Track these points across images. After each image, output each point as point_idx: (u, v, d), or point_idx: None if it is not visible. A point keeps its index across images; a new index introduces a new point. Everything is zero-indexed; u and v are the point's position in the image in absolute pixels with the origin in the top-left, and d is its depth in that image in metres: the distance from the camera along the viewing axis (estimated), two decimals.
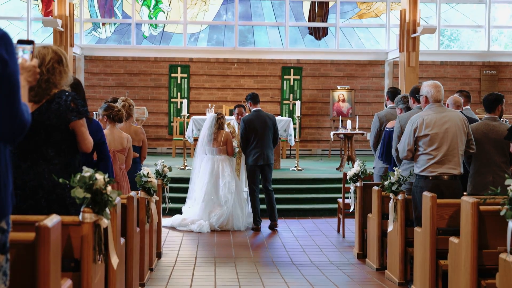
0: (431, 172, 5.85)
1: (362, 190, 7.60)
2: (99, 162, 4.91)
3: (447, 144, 5.86)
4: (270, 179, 9.60)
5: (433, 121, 5.90)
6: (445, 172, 5.84)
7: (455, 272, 4.94)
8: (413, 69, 14.36)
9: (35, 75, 2.92)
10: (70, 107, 4.01)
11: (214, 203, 9.48)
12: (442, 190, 5.77)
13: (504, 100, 6.48)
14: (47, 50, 4.05)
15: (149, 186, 6.33)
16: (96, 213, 3.64)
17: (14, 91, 2.44)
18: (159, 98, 17.04)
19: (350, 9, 17.46)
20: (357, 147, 16.52)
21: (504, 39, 18.01)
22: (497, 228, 4.55)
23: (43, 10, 16.82)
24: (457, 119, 5.96)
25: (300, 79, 17.06)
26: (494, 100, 6.30)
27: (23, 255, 2.75)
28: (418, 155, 5.98)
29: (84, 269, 3.58)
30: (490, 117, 6.32)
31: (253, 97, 9.75)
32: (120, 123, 6.82)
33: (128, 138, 6.72)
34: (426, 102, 6.09)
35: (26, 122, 2.52)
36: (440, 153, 5.85)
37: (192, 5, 17.26)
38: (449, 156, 5.86)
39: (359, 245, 7.67)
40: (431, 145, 5.88)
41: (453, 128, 5.89)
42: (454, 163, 5.87)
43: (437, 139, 5.88)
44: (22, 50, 2.88)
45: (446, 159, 5.85)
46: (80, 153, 4.23)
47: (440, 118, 5.92)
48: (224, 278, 6.62)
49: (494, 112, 6.32)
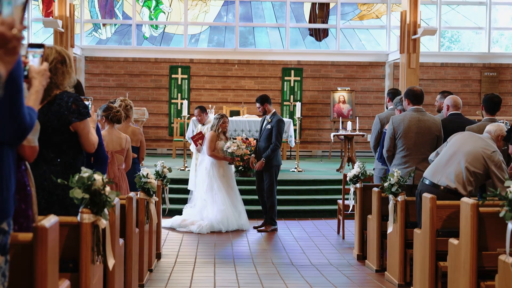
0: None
1: (362, 191, 7.59)
2: (95, 164, 4.92)
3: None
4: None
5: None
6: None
7: (454, 274, 4.93)
8: (414, 70, 14.36)
9: (46, 79, 2.93)
10: (71, 109, 3.99)
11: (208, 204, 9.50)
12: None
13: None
14: (50, 50, 4.04)
15: (148, 187, 6.32)
16: (94, 213, 3.63)
17: (16, 94, 2.44)
18: (159, 99, 17.04)
19: (351, 10, 17.46)
20: (358, 149, 16.52)
21: (504, 41, 18.01)
22: (497, 229, 4.54)
23: (43, 10, 16.83)
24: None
25: (300, 80, 17.06)
26: (499, 102, 6.52)
27: (20, 255, 2.74)
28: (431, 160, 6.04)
29: (83, 270, 3.58)
30: (489, 119, 6.41)
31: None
32: (118, 124, 6.81)
33: (127, 139, 6.71)
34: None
35: (27, 125, 2.53)
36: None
37: (192, 6, 17.26)
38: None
39: (359, 246, 7.66)
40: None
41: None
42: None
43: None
44: (32, 55, 2.88)
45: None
46: (84, 154, 4.22)
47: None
48: (223, 279, 6.61)
49: (495, 114, 6.40)
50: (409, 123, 6.71)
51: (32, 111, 2.68)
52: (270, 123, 9.31)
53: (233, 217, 9.45)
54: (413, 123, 6.63)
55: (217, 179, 9.49)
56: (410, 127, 6.65)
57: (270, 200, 9.34)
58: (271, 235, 9.21)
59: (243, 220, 9.55)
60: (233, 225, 9.43)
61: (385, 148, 6.96)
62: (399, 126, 6.79)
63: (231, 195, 9.51)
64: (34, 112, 2.70)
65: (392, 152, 6.90)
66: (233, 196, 9.54)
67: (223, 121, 9.51)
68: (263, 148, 9.31)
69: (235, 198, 9.57)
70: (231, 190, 9.54)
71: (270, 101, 9.49)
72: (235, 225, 9.44)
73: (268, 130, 9.29)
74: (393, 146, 6.87)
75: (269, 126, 9.29)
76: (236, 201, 9.58)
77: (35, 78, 2.86)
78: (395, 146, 6.87)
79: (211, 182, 9.47)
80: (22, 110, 2.49)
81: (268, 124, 9.32)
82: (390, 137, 6.88)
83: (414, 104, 6.86)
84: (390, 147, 6.90)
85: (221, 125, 9.50)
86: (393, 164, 6.88)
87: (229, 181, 9.57)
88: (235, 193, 9.59)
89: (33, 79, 2.86)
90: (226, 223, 9.39)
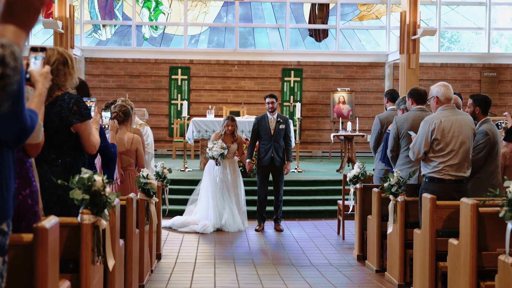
0: (444, 175, 5.81)
1: (362, 192, 7.60)
2: (102, 164, 4.96)
3: (463, 148, 5.85)
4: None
5: (450, 123, 5.86)
6: (458, 175, 5.82)
7: (454, 274, 4.94)
8: (414, 71, 14.36)
9: (49, 81, 2.94)
10: (72, 110, 4.00)
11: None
12: (452, 194, 5.74)
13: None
14: (52, 51, 4.04)
15: (148, 187, 6.32)
16: (94, 214, 3.63)
17: (17, 97, 2.46)
18: (159, 100, 17.05)
19: (351, 11, 17.47)
20: (357, 149, 16.53)
21: (504, 41, 18.02)
22: (497, 229, 4.55)
23: (43, 11, 16.84)
24: (469, 123, 5.96)
25: (300, 80, 17.07)
26: (490, 103, 6.56)
27: (21, 256, 2.74)
28: (430, 157, 5.91)
29: (83, 271, 3.58)
30: (487, 119, 6.43)
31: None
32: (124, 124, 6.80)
33: (133, 139, 6.71)
34: (438, 103, 6.01)
35: (28, 127, 2.54)
36: (457, 156, 5.80)
37: (192, 7, 17.27)
38: (463, 160, 5.84)
39: (359, 246, 7.67)
40: (446, 148, 5.84)
41: (467, 131, 5.89)
42: (466, 167, 5.87)
43: (456, 143, 5.84)
44: (34, 57, 2.89)
45: (461, 163, 5.83)
46: (85, 155, 4.23)
47: (456, 120, 5.88)
48: (223, 280, 6.61)
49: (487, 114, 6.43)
50: (412, 123, 6.68)
51: (34, 113, 2.69)
52: (282, 123, 9.58)
53: (233, 217, 9.48)
54: (417, 123, 6.61)
55: (219, 178, 9.53)
56: (413, 127, 6.62)
57: (281, 197, 9.68)
58: (272, 236, 9.22)
59: (244, 221, 9.60)
60: (234, 225, 9.45)
61: (389, 148, 6.90)
62: (402, 125, 6.74)
63: (233, 195, 9.57)
64: (36, 114, 2.71)
65: (396, 152, 6.87)
66: (237, 197, 9.60)
67: (226, 123, 9.74)
68: (279, 148, 9.54)
69: (239, 198, 9.62)
70: (234, 190, 9.59)
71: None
72: (236, 225, 9.47)
73: (282, 130, 9.57)
74: (397, 146, 6.85)
75: (282, 126, 9.58)
76: (240, 202, 9.63)
77: (38, 81, 2.87)
78: (399, 146, 6.85)
79: (213, 181, 9.54)
80: (23, 112, 2.51)
81: (280, 124, 9.58)
82: (394, 137, 6.83)
83: (418, 104, 6.82)
84: (394, 147, 6.86)
85: (225, 127, 9.71)
86: (397, 164, 6.85)
87: (233, 180, 9.62)
88: (238, 193, 9.64)
89: (36, 82, 2.87)
90: (227, 223, 9.43)
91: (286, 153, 9.58)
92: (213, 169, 9.59)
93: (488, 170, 6.26)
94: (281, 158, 9.53)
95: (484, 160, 6.25)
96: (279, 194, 9.63)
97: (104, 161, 5.00)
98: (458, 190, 5.81)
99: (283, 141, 9.57)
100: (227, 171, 9.60)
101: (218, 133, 9.79)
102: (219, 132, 9.79)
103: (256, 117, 9.91)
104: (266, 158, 9.48)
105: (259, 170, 9.60)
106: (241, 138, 9.95)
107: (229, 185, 9.59)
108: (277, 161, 9.48)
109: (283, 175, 9.61)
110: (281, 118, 9.64)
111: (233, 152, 9.69)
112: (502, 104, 17.25)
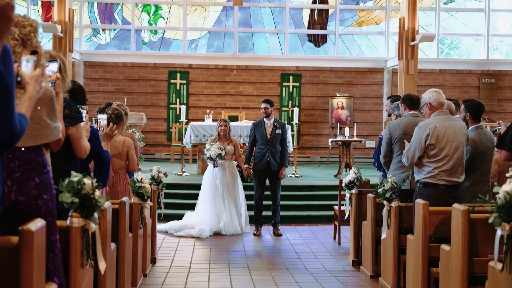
0: (439, 180, 5.82)
1: (358, 197, 7.60)
2: (95, 167, 4.96)
3: (458, 153, 5.86)
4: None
5: (445, 128, 5.87)
6: (452, 180, 5.84)
7: (446, 280, 4.93)
8: (412, 76, 14.37)
9: (40, 84, 2.93)
10: (63, 113, 4.00)
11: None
12: (447, 199, 5.76)
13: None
14: (45, 55, 4.04)
15: (142, 191, 6.32)
16: (84, 217, 3.64)
17: (6, 102, 2.46)
18: (158, 104, 17.06)
19: (350, 16, 17.49)
20: (356, 154, 16.53)
21: (504, 48, 18.03)
22: (488, 236, 4.54)
23: (43, 15, 16.88)
24: (462, 128, 5.99)
25: (299, 86, 17.08)
26: (483, 109, 6.55)
27: (6, 259, 2.74)
28: (424, 162, 5.91)
29: (72, 274, 3.58)
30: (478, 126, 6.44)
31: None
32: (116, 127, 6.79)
33: (125, 142, 6.70)
34: (431, 109, 6.03)
35: (17, 132, 2.54)
36: (450, 161, 5.83)
37: (192, 11, 17.30)
38: (456, 165, 5.86)
39: (354, 252, 7.66)
40: (441, 153, 5.85)
41: (461, 137, 5.91)
42: (460, 172, 5.89)
43: (450, 148, 5.85)
44: (26, 60, 2.88)
45: (454, 168, 5.85)
46: (77, 159, 4.24)
47: (450, 125, 5.90)
48: (218, 284, 6.61)
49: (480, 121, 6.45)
50: (405, 128, 6.71)
51: (23, 118, 2.68)
52: (279, 128, 9.62)
53: (231, 221, 9.49)
54: (409, 128, 6.63)
55: (219, 180, 9.56)
56: (406, 132, 6.65)
57: (279, 202, 9.73)
58: (267, 241, 9.21)
59: (243, 224, 9.63)
60: (232, 228, 9.48)
61: (382, 154, 6.96)
62: (395, 131, 6.79)
63: (232, 198, 9.59)
64: (25, 119, 2.71)
65: (389, 157, 6.89)
66: (234, 200, 9.61)
67: (220, 124, 9.88)
68: (275, 153, 9.56)
69: (237, 201, 9.64)
70: (232, 193, 9.61)
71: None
72: (233, 228, 9.49)
73: (279, 135, 9.61)
74: (390, 152, 6.87)
75: (278, 131, 9.60)
76: (238, 205, 9.65)
77: (29, 83, 2.85)
78: (392, 152, 6.87)
79: (212, 185, 9.58)
80: (13, 117, 2.51)
81: (277, 129, 9.61)
82: (386, 143, 6.87)
83: (411, 109, 6.88)
84: (387, 153, 6.89)
85: (218, 127, 9.86)
86: (390, 169, 6.87)
87: (232, 183, 9.64)
88: (237, 196, 9.65)
89: (27, 85, 2.85)
90: (225, 226, 9.46)
91: (281, 158, 9.60)
92: (212, 172, 9.61)
93: (471, 179, 6.26)
94: (278, 163, 9.56)
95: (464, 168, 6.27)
96: (276, 199, 9.64)
97: (97, 165, 5.01)
98: (452, 196, 5.83)
99: (280, 146, 9.59)
100: (226, 173, 9.62)
101: (214, 138, 9.89)
102: (214, 137, 9.91)
103: (253, 122, 9.93)
104: (262, 162, 9.51)
105: (255, 174, 9.63)
106: (236, 140, 9.99)
107: (228, 188, 9.61)
108: (273, 166, 9.50)
109: (279, 179, 9.62)
110: (277, 123, 9.67)
111: (230, 153, 9.71)
112: (500, 111, 17.25)
